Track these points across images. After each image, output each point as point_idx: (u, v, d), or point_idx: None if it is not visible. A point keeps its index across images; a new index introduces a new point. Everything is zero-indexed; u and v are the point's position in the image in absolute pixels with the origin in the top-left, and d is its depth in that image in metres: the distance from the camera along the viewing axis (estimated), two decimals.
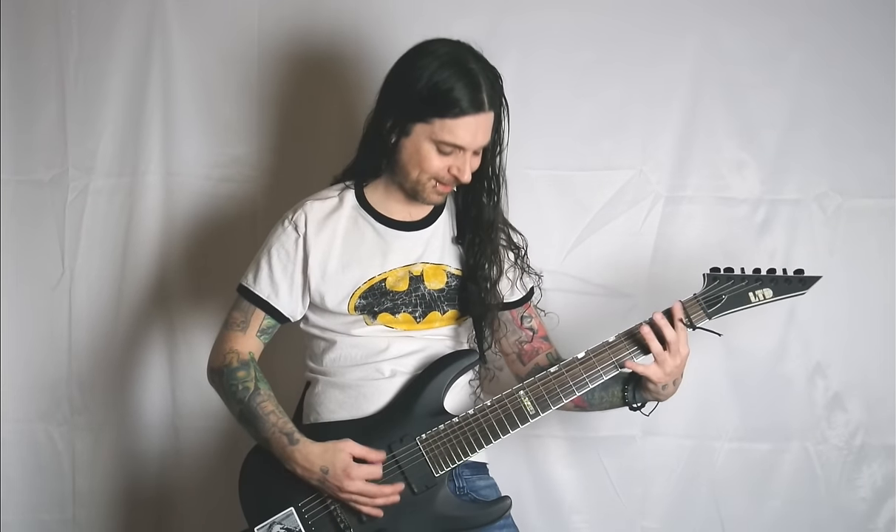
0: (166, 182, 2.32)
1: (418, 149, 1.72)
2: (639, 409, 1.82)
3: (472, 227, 1.83)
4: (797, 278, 1.77)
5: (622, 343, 1.75)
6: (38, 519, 2.38)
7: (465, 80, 1.67)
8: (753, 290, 1.76)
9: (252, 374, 1.78)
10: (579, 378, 1.74)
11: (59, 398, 2.36)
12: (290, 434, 1.72)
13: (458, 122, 1.67)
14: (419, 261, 1.81)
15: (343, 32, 2.25)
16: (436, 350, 1.81)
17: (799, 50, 2.24)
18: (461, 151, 1.71)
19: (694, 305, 1.75)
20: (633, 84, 2.25)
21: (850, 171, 2.26)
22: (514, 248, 1.88)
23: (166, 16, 2.28)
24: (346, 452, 1.69)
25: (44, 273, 2.33)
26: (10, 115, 2.30)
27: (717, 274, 1.77)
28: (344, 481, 1.68)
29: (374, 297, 1.78)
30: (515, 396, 1.74)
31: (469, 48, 1.73)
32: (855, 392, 2.29)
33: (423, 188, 1.76)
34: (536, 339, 1.90)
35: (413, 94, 1.69)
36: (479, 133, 1.70)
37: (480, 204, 1.82)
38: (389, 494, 1.70)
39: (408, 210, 1.83)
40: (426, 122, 1.69)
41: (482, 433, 1.73)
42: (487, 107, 1.69)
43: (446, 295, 1.82)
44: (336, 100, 2.26)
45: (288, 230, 1.81)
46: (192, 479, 2.36)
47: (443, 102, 1.67)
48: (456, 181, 1.74)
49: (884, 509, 2.31)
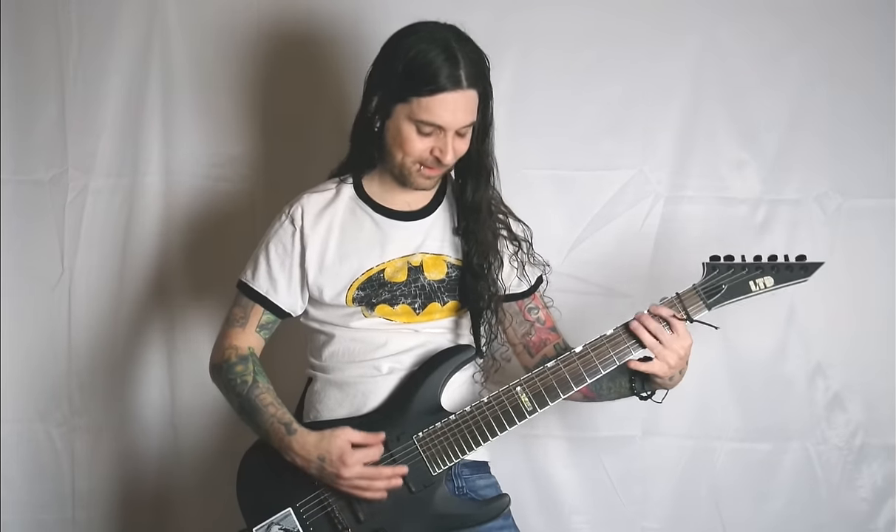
0: (166, 182, 2.32)
1: (399, 130, 1.70)
2: (648, 398, 1.79)
3: (465, 214, 1.80)
4: (798, 265, 1.73)
5: (620, 336, 1.72)
6: (37, 519, 2.38)
7: (442, 56, 1.64)
8: (754, 278, 1.72)
9: (250, 368, 1.78)
10: (577, 373, 1.71)
11: (58, 398, 2.35)
12: (289, 424, 1.72)
13: (434, 99, 1.64)
14: (418, 251, 1.80)
15: (342, 32, 2.25)
16: (435, 345, 1.80)
17: (799, 50, 2.24)
18: (442, 132, 1.68)
19: (693, 296, 1.73)
20: (634, 84, 2.25)
21: (850, 171, 2.26)
22: (514, 239, 1.85)
23: (166, 16, 2.28)
24: (342, 439, 1.68)
25: (43, 273, 2.33)
26: (10, 115, 2.30)
27: (717, 263, 1.73)
28: (340, 468, 1.66)
29: (371, 288, 1.77)
30: (512, 393, 1.72)
31: (453, 28, 1.70)
32: (855, 392, 2.30)
33: (408, 172, 1.74)
34: (544, 329, 1.88)
35: (393, 72, 1.67)
36: (458, 112, 1.66)
37: (469, 190, 1.79)
38: (390, 476, 1.68)
39: (406, 200, 1.81)
40: (405, 102, 1.67)
41: (479, 430, 1.72)
42: (466, 84, 1.65)
43: (447, 285, 1.80)
44: (335, 100, 2.25)
45: (285, 224, 1.81)
46: (192, 478, 2.36)
47: (419, 79, 1.64)
48: (439, 163, 1.71)
49: (884, 509, 2.31)
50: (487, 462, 1.87)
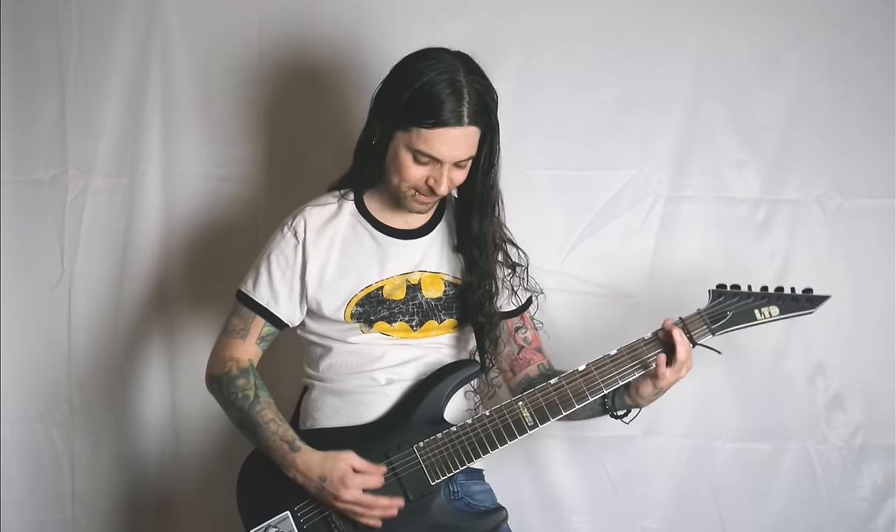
0: (166, 182, 2.32)
1: (397, 156, 1.71)
2: (620, 418, 1.81)
3: (468, 242, 1.81)
4: (804, 297, 1.76)
5: (623, 357, 1.73)
6: (37, 519, 2.37)
7: (447, 90, 1.64)
8: (759, 307, 1.74)
9: (252, 382, 1.78)
10: (579, 391, 1.72)
11: (58, 399, 2.35)
12: (292, 442, 1.72)
13: (433, 132, 1.65)
14: (417, 269, 1.81)
15: (343, 32, 2.25)
16: (432, 358, 1.81)
17: (799, 49, 2.24)
18: (438, 163, 1.68)
19: (697, 321, 1.74)
20: (634, 84, 2.25)
21: (850, 171, 2.26)
22: (510, 265, 1.86)
23: (166, 16, 2.28)
24: (345, 463, 1.69)
25: (43, 273, 2.33)
26: (10, 115, 2.30)
27: (723, 291, 1.75)
28: (340, 490, 1.67)
29: (370, 305, 1.78)
30: (514, 407, 1.73)
31: (466, 60, 1.70)
32: (855, 392, 2.29)
33: (403, 196, 1.75)
34: (530, 350, 1.88)
35: (398, 100, 1.68)
36: (456, 147, 1.67)
37: (470, 219, 1.79)
38: (386, 506, 1.69)
39: (405, 218, 1.82)
40: (405, 130, 1.67)
41: (479, 443, 1.72)
42: (468, 121, 1.65)
43: (444, 303, 1.81)
44: (336, 99, 2.25)
45: (287, 236, 1.81)
46: (192, 479, 2.36)
47: (422, 110, 1.65)
48: (433, 193, 1.72)
49: (884, 509, 2.31)
50: (482, 470, 1.88)
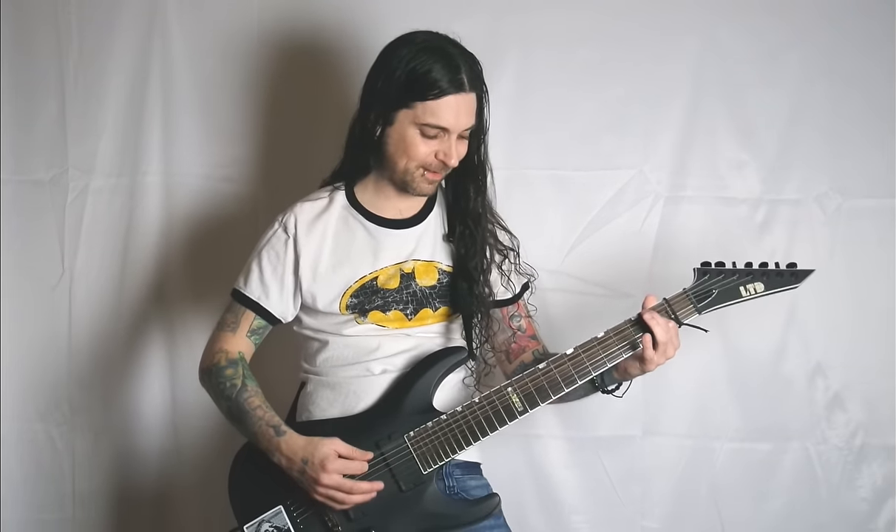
0: (166, 182, 2.32)
1: (403, 136, 1.73)
2: (611, 393, 1.79)
3: (461, 219, 1.83)
4: (789, 272, 1.76)
5: (611, 339, 1.73)
6: (37, 519, 2.38)
7: (442, 61, 1.69)
8: (745, 283, 1.75)
9: (240, 372, 1.79)
10: (567, 374, 1.72)
11: (58, 398, 2.35)
12: (277, 426, 1.73)
13: (439, 102, 1.69)
14: (410, 258, 1.82)
15: (343, 32, 2.25)
16: (427, 348, 1.82)
17: (799, 49, 2.24)
18: (446, 134, 1.72)
19: (683, 300, 1.74)
20: (634, 84, 2.25)
21: (850, 171, 2.26)
22: (500, 248, 1.87)
23: (166, 16, 2.28)
24: (329, 447, 1.68)
25: (44, 273, 2.33)
26: (10, 115, 2.30)
27: (708, 269, 1.75)
28: (320, 473, 1.66)
29: (364, 295, 1.79)
30: (503, 393, 1.73)
31: (445, 36, 1.75)
32: (855, 392, 2.29)
33: (412, 178, 1.76)
34: (524, 337, 1.89)
35: (393, 81, 1.71)
36: (461, 114, 1.71)
37: (468, 194, 1.82)
38: (366, 490, 1.69)
39: (398, 207, 1.84)
40: (409, 108, 1.71)
41: (470, 430, 1.73)
42: (468, 87, 1.71)
43: (438, 291, 1.82)
44: (336, 99, 2.25)
45: (278, 232, 1.82)
46: (192, 478, 2.36)
47: (423, 85, 1.69)
48: (444, 167, 1.74)
49: (884, 509, 2.31)
50: (479, 464, 1.88)
